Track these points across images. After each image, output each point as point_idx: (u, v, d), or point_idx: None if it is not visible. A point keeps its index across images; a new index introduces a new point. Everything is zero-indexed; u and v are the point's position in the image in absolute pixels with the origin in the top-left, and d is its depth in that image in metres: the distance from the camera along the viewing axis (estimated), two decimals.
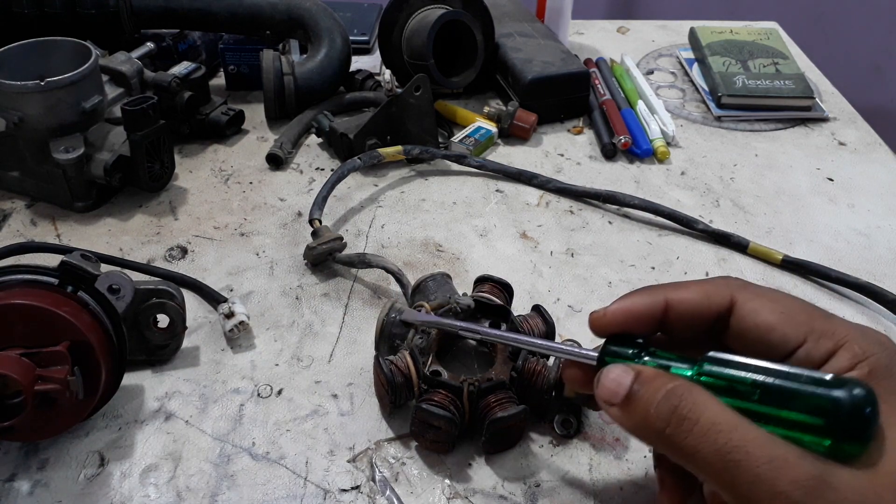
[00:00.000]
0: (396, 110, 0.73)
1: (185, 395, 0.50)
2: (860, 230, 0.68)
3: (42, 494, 0.44)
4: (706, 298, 0.38)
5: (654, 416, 0.33)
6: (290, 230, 0.66)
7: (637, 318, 0.38)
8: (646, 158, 0.77)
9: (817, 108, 0.85)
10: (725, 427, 0.32)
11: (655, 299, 0.38)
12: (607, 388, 0.36)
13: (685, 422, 0.32)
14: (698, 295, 0.38)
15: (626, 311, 0.39)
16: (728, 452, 0.31)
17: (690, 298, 0.38)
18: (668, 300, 0.38)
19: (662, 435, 0.33)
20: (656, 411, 0.33)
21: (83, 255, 0.46)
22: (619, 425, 0.36)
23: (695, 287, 0.38)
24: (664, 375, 0.35)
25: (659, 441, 0.34)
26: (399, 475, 0.46)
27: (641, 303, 0.38)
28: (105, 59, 0.72)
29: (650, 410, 0.34)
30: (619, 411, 0.35)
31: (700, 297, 0.38)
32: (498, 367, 0.48)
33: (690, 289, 0.38)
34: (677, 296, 0.38)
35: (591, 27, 1.07)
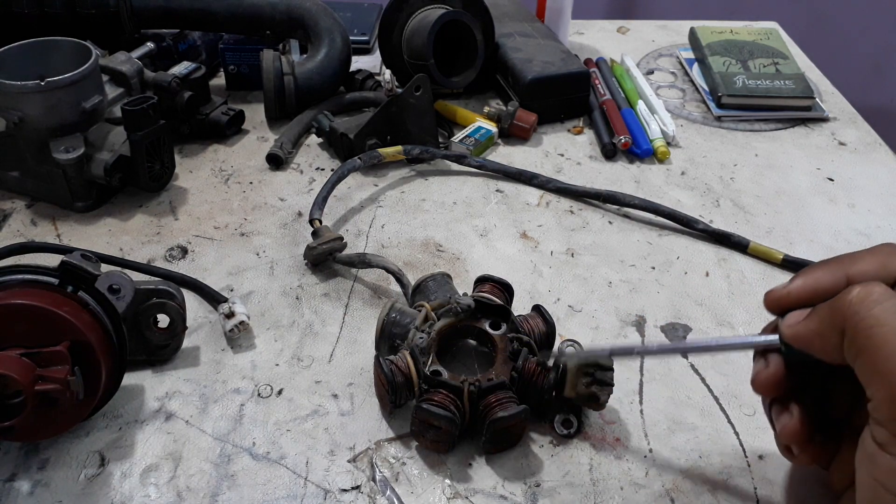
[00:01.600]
0: (396, 110, 0.73)
1: (186, 395, 0.50)
2: (860, 230, 0.68)
3: (42, 494, 0.44)
4: (883, 267, 0.38)
5: (838, 301, 0.35)
6: (290, 230, 0.66)
7: (821, 294, 0.38)
8: (646, 158, 0.77)
9: (817, 108, 0.85)
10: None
11: (837, 275, 0.38)
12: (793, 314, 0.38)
13: (875, 296, 0.34)
14: (875, 265, 0.38)
15: (811, 289, 0.39)
16: None
17: (869, 270, 0.38)
18: (849, 274, 0.38)
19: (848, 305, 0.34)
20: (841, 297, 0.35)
21: (83, 255, 0.46)
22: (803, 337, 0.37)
23: (869, 257, 0.38)
24: None
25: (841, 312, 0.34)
26: (399, 475, 0.46)
27: (825, 279, 0.38)
28: (105, 59, 0.72)
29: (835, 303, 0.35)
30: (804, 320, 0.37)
31: (877, 266, 0.38)
32: (498, 367, 0.48)
33: (866, 260, 0.38)
34: (857, 269, 0.38)
35: (591, 27, 1.07)
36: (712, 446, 0.48)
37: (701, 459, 0.47)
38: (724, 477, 0.46)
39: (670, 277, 0.61)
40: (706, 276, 0.62)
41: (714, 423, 0.49)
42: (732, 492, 0.45)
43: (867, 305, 0.33)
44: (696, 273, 0.62)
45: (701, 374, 0.53)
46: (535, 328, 0.50)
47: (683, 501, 0.44)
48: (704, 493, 0.45)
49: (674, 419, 0.49)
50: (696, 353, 0.46)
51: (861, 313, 0.33)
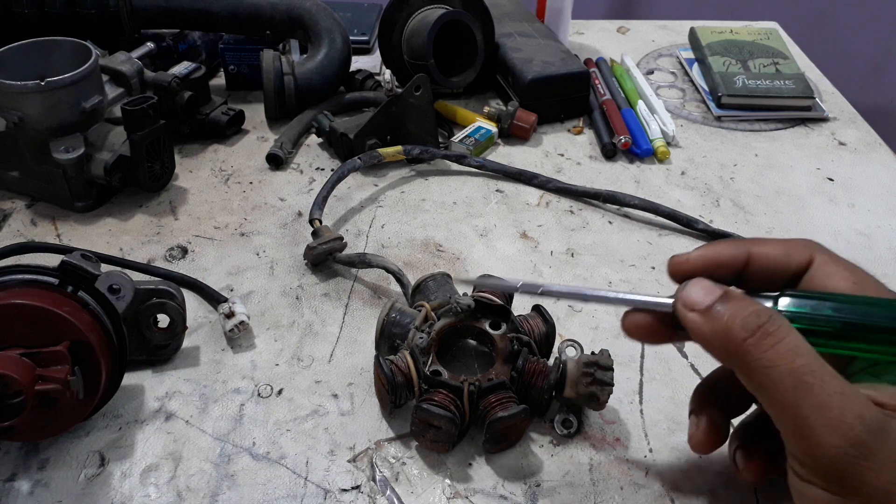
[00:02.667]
0: (396, 110, 0.73)
1: (186, 394, 0.50)
2: (860, 230, 0.68)
3: (42, 494, 0.44)
4: (786, 255, 0.38)
5: (737, 326, 0.34)
6: (290, 230, 0.66)
7: (719, 265, 0.39)
8: (646, 158, 0.77)
9: (817, 108, 0.85)
10: (806, 353, 0.33)
11: (739, 250, 0.39)
12: (695, 293, 0.36)
13: (769, 338, 0.33)
14: (779, 251, 0.39)
15: (710, 258, 0.39)
16: (803, 374, 0.32)
17: (771, 254, 0.39)
18: (751, 252, 0.39)
19: (741, 345, 0.34)
20: (741, 323, 0.34)
21: (83, 255, 0.46)
22: (692, 332, 0.36)
23: (776, 244, 0.39)
24: (751, 299, 0.35)
25: (735, 351, 0.34)
26: (399, 475, 0.46)
27: (725, 252, 0.39)
28: (105, 59, 0.72)
29: (736, 322, 0.34)
30: (699, 318, 0.36)
31: (781, 253, 0.38)
32: (498, 367, 0.48)
33: (773, 244, 0.39)
34: (760, 249, 0.39)
35: (591, 27, 1.07)
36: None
37: (701, 459, 0.47)
38: (724, 477, 0.46)
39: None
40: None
41: None
42: (732, 492, 0.45)
43: (760, 348, 0.33)
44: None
45: (701, 373, 0.53)
46: (535, 328, 0.50)
47: (683, 501, 0.44)
48: (704, 493, 0.45)
49: (674, 419, 0.49)
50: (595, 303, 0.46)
51: (754, 354, 0.33)
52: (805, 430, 0.32)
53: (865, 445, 0.31)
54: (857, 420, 0.31)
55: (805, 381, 0.32)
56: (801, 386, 0.32)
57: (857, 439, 0.31)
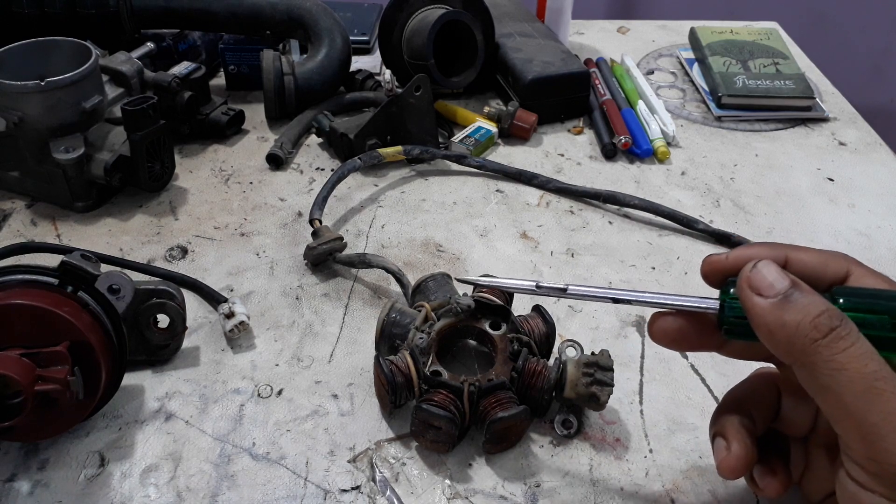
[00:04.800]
0: (396, 110, 0.73)
1: (186, 395, 0.50)
2: (860, 230, 0.68)
3: (42, 494, 0.44)
4: (823, 265, 0.37)
5: (809, 325, 0.33)
6: (290, 230, 0.66)
7: None
8: (646, 158, 0.77)
9: (817, 108, 0.85)
10: (877, 359, 0.32)
11: (777, 253, 0.38)
12: (764, 277, 0.35)
13: (841, 341, 0.32)
14: (817, 260, 0.38)
15: (749, 259, 0.38)
16: (875, 380, 0.32)
17: (809, 261, 0.38)
18: (789, 257, 0.38)
19: (811, 344, 0.33)
20: (814, 322, 0.33)
21: (83, 255, 0.46)
22: (756, 318, 0.34)
23: (814, 252, 0.38)
24: (820, 296, 0.34)
25: (802, 349, 0.33)
26: (399, 475, 0.46)
27: (764, 253, 0.38)
28: (105, 59, 0.72)
29: (807, 319, 0.33)
30: (769, 305, 0.34)
31: (819, 261, 0.38)
32: (498, 368, 0.48)
33: (810, 252, 0.38)
34: (797, 255, 0.38)
35: (591, 27, 1.07)
36: None
37: (701, 459, 0.47)
38: None
39: (670, 277, 0.61)
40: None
41: None
42: (732, 492, 0.45)
43: (831, 349, 0.33)
44: (696, 273, 0.62)
45: (701, 374, 0.53)
46: (535, 328, 0.50)
47: (683, 501, 0.44)
48: (704, 493, 0.45)
49: (674, 419, 0.49)
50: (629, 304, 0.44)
51: (824, 355, 0.33)
52: (873, 436, 0.31)
53: None
54: None
55: (876, 387, 0.31)
56: (871, 391, 0.31)
57: None
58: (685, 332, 0.39)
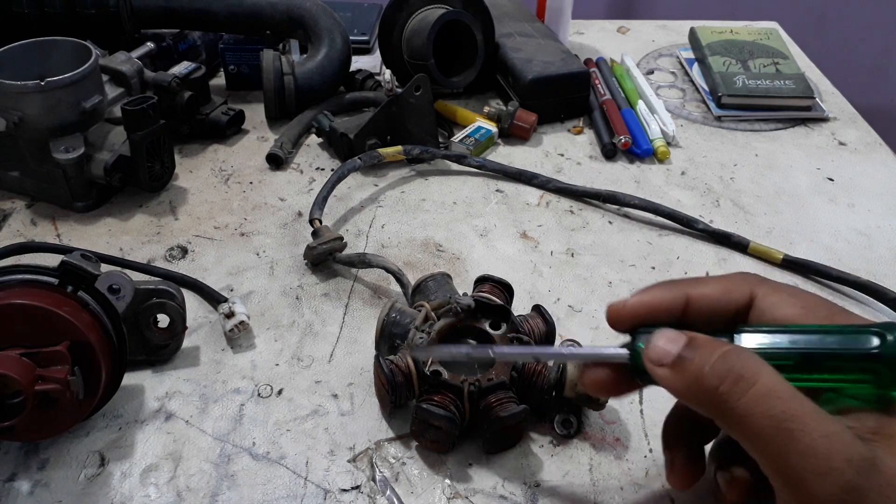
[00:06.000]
0: (396, 110, 0.73)
1: (186, 395, 0.50)
2: (860, 230, 0.68)
3: (42, 494, 0.44)
4: (725, 294, 0.37)
5: (708, 374, 0.33)
6: (290, 230, 0.66)
7: (657, 311, 0.38)
8: (646, 158, 0.77)
9: (817, 108, 0.85)
10: (783, 395, 0.31)
11: (676, 294, 0.38)
12: (659, 348, 0.35)
13: (741, 382, 0.32)
14: (718, 290, 0.38)
15: (647, 305, 0.38)
16: (784, 420, 0.31)
17: (710, 294, 0.37)
18: (689, 295, 0.38)
19: (715, 394, 0.32)
20: (711, 370, 0.33)
21: (83, 255, 0.46)
22: (666, 386, 0.35)
23: (714, 283, 0.38)
24: (717, 340, 0.34)
25: (709, 401, 0.33)
26: (399, 475, 0.46)
27: (662, 297, 0.38)
28: (105, 59, 0.72)
29: (704, 369, 0.33)
30: (669, 372, 0.34)
31: (720, 292, 0.37)
32: (498, 367, 0.48)
33: (710, 284, 0.38)
34: (697, 291, 0.38)
35: (591, 27, 1.07)
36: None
37: None
38: None
39: (670, 277, 0.61)
40: (706, 276, 0.62)
41: None
42: None
43: (733, 396, 0.32)
44: (696, 273, 0.62)
45: None
46: (535, 328, 0.50)
47: (683, 501, 0.44)
48: (704, 493, 0.45)
49: None
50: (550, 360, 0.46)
51: (729, 403, 0.32)
52: (794, 479, 0.31)
53: (858, 489, 0.30)
54: (846, 464, 0.30)
55: (786, 429, 0.31)
56: (782, 433, 0.31)
57: (848, 484, 0.30)
58: (614, 380, 0.39)
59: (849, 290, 0.60)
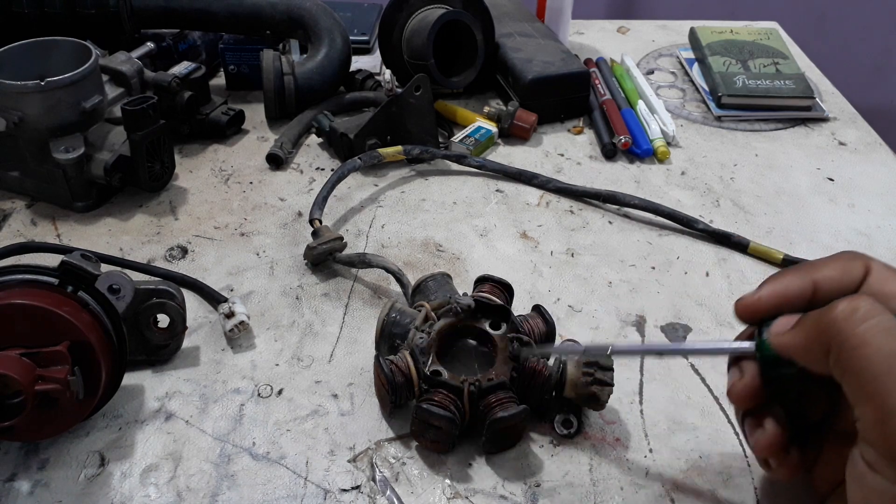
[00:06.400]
0: (396, 110, 0.73)
1: (186, 395, 0.50)
2: (860, 230, 0.68)
3: (42, 494, 0.44)
4: (846, 272, 0.38)
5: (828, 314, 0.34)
6: (290, 230, 0.66)
7: (790, 300, 0.38)
8: (646, 158, 0.77)
9: (817, 108, 0.85)
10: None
11: (805, 280, 0.38)
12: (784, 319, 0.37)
13: (859, 312, 0.33)
14: (838, 269, 0.38)
15: (781, 295, 0.38)
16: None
17: (833, 275, 0.38)
18: (815, 280, 0.38)
19: (834, 323, 0.33)
20: (831, 308, 0.34)
21: (83, 255, 0.46)
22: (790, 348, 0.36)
23: (832, 263, 0.39)
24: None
25: (827, 329, 0.34)
26: (399, 475, 0.46)
27: (794, 285, 0.38)
28: (105, 59, 0.72)
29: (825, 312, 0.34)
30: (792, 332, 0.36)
31: (841, 271, 0.38)
32: (498, 367, 0.48)
33: (830, 265, 0.39)
34: (822, 274, 0.38)
35: (591, 27, 1.07)
36: (712, 446, 0.48)
37: (701, 459, 0.47)
38: (724, 477, 0.46)
39: (670, 277, 0.61)
40: (706, 276, 0.62)
41: (714, 423, 0.49)
42: (732, 492, 0.45)
43: (851, 324, 0.33)
44: (696, 273, 0.62)
45: (701, 374, 0.53)
46: (535, 328, 0.50)
47: (683, 501, 0.44)
48: (704, 493, 0.45)
49: (674, 419, 0.49)
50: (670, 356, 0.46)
51: (846, 332, 0.33)
52: (889, 418, 0.31)
53: None
54: None
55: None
56: (892, 371, 0.31)
57: None
58: (758, 389, 0.39)
59: None
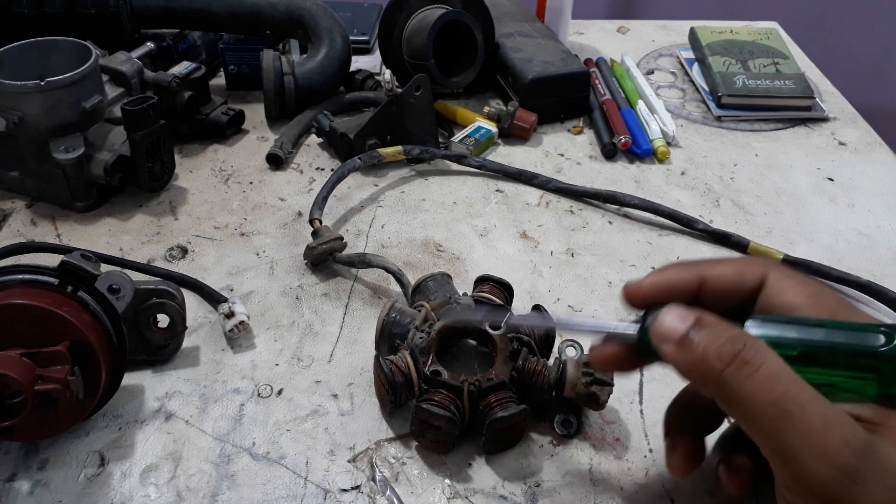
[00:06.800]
0: (396, 110, 0.73)
1: (186, 395, 0.50)
2: (860, 230, 0.68)
3: (42, 494, 0.44)
4: (739, 275, 0.38)
5: (714, 356, 0.33)
6: (290, 230, 0.66)
7: (673, 290, 0.38)
8: (646, 158, 0.77)
9: (817, 108, 0.85)
10: (785, 379, 0.32)
11: (691, 273, 0.38)
12: (666, 326, 0.35)
13: (746, 367, 0.33)
14: (733, 271, 0.38)
15: (664, 284, 0.39)
16: (784, 402, 0.32)
17: (725, 274, 0.38)
18: (704, 275, 0.38)
19: (719, 376, 0.33)
20: (718, 352, 0.33)
21: (83, 255, 0.46)
22: (671, 363, 0.36)
23: (729, 264, 0.39)
24: (724, 322, 0.35)
25: (712, 382, 0.34)
26: (399, 475, 0.46)
27: (678, 276, 0.39)
28: (105, 59, 0.72)
29: (711, 351, 0.34)
30: (675, 349, 0.35)
31: (734, 273, 0.38)
32: (498, 367, 0.48)
33: (725, 265, 0.39)
34: (713, 271, 0.38)
35: (591, 27, 1.07)
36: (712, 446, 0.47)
37: None
38: None
39: None
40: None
41: None
42: None
43: (739, 376, 0.33)
44: None
45: None
46: (535, 328, 0.50)
47: (683, 501, 0.44)
48: (704, 493, 0.45)
49: None
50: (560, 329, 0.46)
51: (732, 385, 0.33)
52: (791, 459, 0.32)
53: (853, 470, 0.31)
54: (842, 445, 0.31)
55: (786, 410, 0.32)
56: (782, 415, 0.32)
57: (844, 465, 0.31)
58: (619, 356, 0.39)
59: (849, 291, 0.60)
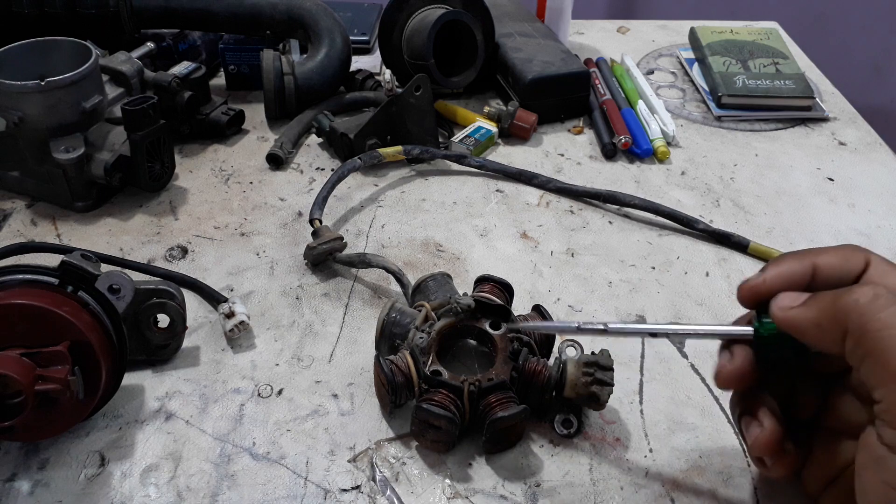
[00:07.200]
0: (396, 110, 0.73)
1: (186, 394, 0.50)
2: (860, 230, 0.68)
3: (42, 494, 0.44)
4: (846, 261, 0.39)
5: (845, 295, 0.34)
6: (290, 230, 0.66)
7: (792, 283, 0.39)
8: (646, 158, 0.77)
9: (817, 108, 0.85)
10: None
11: (805, 264, 0.39)
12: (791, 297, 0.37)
13: (881, 299, 0.33)
14: (839, 258, 0.39)
15: (784, 277, 0.39)
16: None
17: (834, 262, 0.39)
18: (815, 264, 0.39)
19: (855, 307, 0.34)
20: (848, 291, 0.35)
21: (83, 255, 0.46)
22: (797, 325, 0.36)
23: (833, 252, 0.39)
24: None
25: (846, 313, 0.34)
26: (399, 475, 0.46)
27: (795, 268, 0.39)
28: (105, 59, 0.72)
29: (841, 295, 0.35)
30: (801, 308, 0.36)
31: (841, 259, 0.39)
32: (498, 367, 0.48)
33: (830, 253, 0.39)
34: (821, 260, 0.39)
35: (591, 27, 1.07)
36: (712, 446, 0.48)
37: (701, 459, 0.47)
38: (724, 477, 0.46)
39: (670, 277, 0.61)
40: (706, 276, 0.62)
41: (714, 423, 0.49)
42: (732, 491, 0.45)
43: (876, 308, 0.33)
44: (696, 273, 0.62)
45: (701, 374, 0.53)
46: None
47: (683, 501, 0.44)
48: (704, 493, 0.45)
49: (674, 419, 0.49)
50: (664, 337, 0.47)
51: (868, 315, 0.33)
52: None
53: None
54: None
55: None
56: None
57: None
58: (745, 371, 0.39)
59: None
